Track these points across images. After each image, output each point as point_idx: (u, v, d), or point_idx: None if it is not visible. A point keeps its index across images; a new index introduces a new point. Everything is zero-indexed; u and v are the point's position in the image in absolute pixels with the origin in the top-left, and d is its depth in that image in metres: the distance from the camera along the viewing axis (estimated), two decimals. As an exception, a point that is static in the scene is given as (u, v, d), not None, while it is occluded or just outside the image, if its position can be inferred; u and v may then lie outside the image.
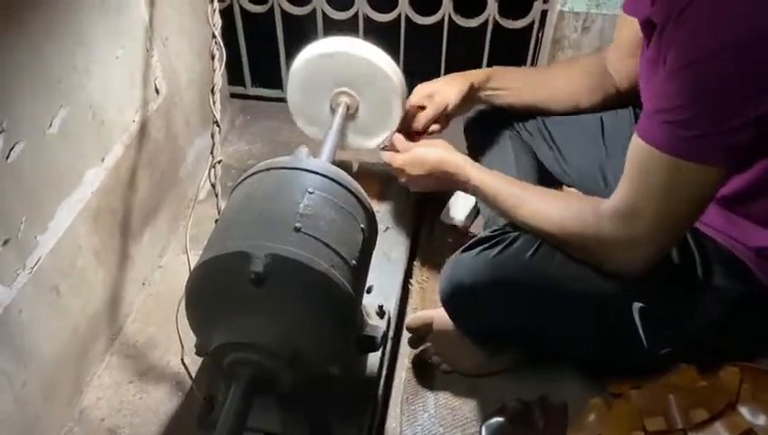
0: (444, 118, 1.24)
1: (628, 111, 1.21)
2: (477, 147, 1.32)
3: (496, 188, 1.02)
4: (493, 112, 1.30)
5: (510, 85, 1.25)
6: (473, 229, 1.46)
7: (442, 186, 1.12)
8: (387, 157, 1.16)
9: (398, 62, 1.18)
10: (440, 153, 1.09)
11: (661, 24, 0.82)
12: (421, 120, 1.22)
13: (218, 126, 1.10)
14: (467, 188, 1.07)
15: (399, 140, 1.17)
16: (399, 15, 1.63)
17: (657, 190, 0.81)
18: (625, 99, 1.19)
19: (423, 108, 1.23)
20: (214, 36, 1.12)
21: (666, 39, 0.80)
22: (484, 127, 1.31)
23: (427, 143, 1.14)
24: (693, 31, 0.74)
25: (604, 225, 0.87)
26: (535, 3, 1.57)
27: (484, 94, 1.25)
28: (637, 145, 0.82)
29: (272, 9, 1.66)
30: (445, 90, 1.22)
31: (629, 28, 1.10)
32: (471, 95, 1.23)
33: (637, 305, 0.94)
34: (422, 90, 1.24)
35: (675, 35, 0.77)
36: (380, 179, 1.51)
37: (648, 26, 0.89)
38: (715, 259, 0.94)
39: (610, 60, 1.19)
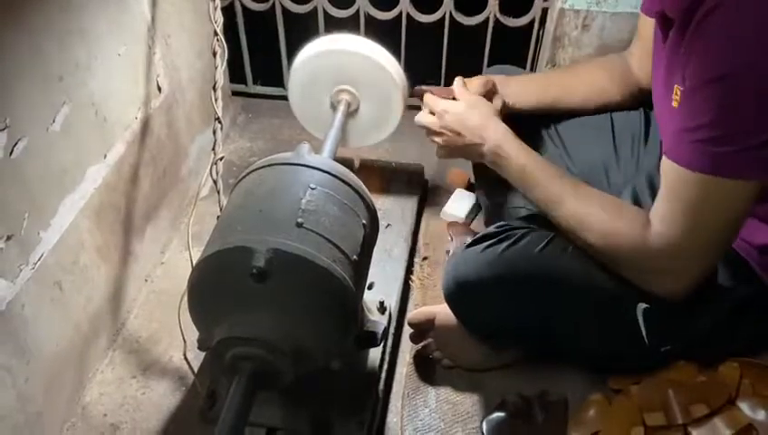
0: None
1: (639, 112, 1.20)
2: None
3: (534, 173, 0.98)
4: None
5: (524, 94, 1.20)
6: (474, 226, 1.47)
7: (476, 156, 1.06)
8: (430, 98, 1.09)
9: (399, 60, 1.18)
10: (486, 117, 1.03)
11: (679, 22, 0.81)
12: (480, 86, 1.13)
13: (220, 123, 1.10)
14: (503, 166, 1.02)
15: (458, 86, 1.09)
16: (400, 13, 1.63)
17: (696, 212, 0.80)
18: (648, 97, 1.17)
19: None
20: (216, 34, 1.12)
21: (685, 49, 0.79)
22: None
23: (476, 101, 1.07)
24: (716, 45, 0.73)
25: (652, 250, 0.85)
26: (536, 1, 1.57)
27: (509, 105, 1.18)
28: (669, 168, 0.81)
29: (273, 7, 1.67)
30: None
31: (648, 30, 1.09)
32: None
33: (642, 306, 0.94)
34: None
35: (696, 48, 0.76)
36: (382, 176, 1.52)
37: (663, 21, 0.88)
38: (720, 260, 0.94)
39: (635, 57, 1.18)
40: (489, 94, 1.13)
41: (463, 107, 1.06)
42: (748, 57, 0.71)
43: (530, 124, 1.27)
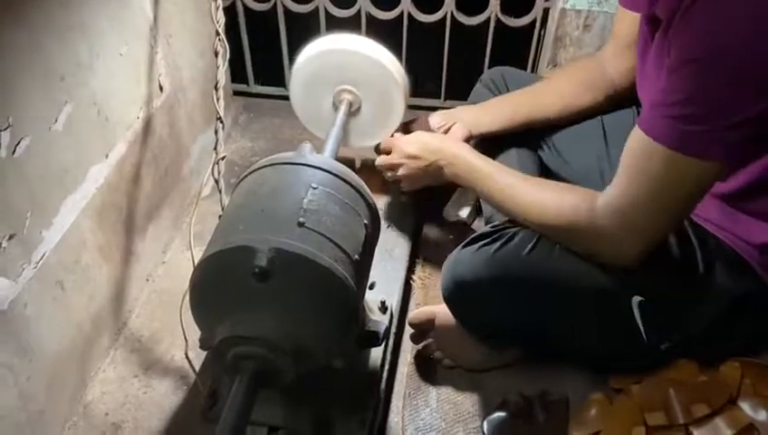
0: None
1: (631, 111, 1.20)
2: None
3: (490, 175, 1.03)
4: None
5: (498, 114, 1.25)
6: (475, 226, 1.47)
7: (436, 176, 1.14)
8: (386, 141, 1.19)
9: (400, 60, 1.18)
10: (442, 137, 1.12)
11: (667, 19, 0.82)
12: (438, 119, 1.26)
13: (222, 123, 1.10)
14: (462, 176, 1.08)
15: (390, 141, 1.21)
16: (402, 13, 1.63)
17: (654, 182, 0.82)
18: (626, 97, 1.18)
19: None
20: (217, 34, 1.12)
21: (671, 35, 0.80)
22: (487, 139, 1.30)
23: (419, 133, 1.18)
24: (697, 28, 0.75)
25: (598, 216, 0.87)
26: (537, 1, 1.58)
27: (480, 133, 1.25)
28: (637, 137, 0.83)
29: (275, 7, 1.67)
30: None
31: (627, 23, 1.10)
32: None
33: (636, 299, 0.94)
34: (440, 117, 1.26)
35: (679, 31, 0.78)
36: (383, 176, 1.52)
37: (652, 22, 0.89)
38: (717, 256, 0.94)
39: (609, 57, 1.18)
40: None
41: (414, 134, 1.18)
42: (724, 41, 0.72)
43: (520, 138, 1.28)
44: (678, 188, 0.82)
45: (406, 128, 1.27)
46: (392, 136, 1.24)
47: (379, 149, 1.25)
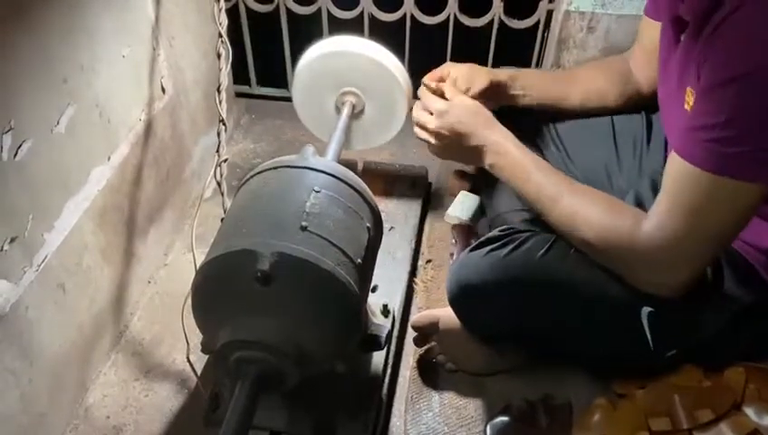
0: None
1: (641, 116, 1.20)
2: None
3: (531, 172, 0.97)
4: (504, 114, 1.29)
5: (535, 86, 1.21)
6: (477, 229, 1.46)
7: (471, 156, 1.05)
8: (427, 98, 1.07)
9: (403, 62, 1.18)
10: (490, 116, 1.04)
11: (695, 24, 0.81)
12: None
13: (224, 125, 1.10)
14: (500, 163, 1.02)
15: (450, 88, 1.09)
16: (405, 15, 1.63)
17: (699, 210, 0.79)
18: (647, 101, 1.17)
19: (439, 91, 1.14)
20: (220, 35, 1.12)
21: (700, 50, 0.79)
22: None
23: (469, 101, 1.07)
24: (734, 45, 0.73)
25: (643, 244, 0.84)
26: (541, 2, 1.57)
27: (509, 93, 1.19)
28: (676, 164, 0.80)
29: (277, 8, 1.67)
30: (470, 76, 1.14)
31: (650, 35, 1.09)
32: (493, 92, 1.16)
33: (646, 310, 0.93)
34: (449, 68, 1.16)
35: (712, 49, 0.76)
36: (385, 178, 1.52)
37: (677, 24, 0.88)
38: (725, 264, 0.93)
39: (635, 62, 1.18)
40: (461, 84, 1.12)
41: (463, 111, 1.05)
42: (760, 59, 0.70)
43: (530, 125, 1.27)
44: (723, 213, 0.79)
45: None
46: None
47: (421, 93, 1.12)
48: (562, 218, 0.94)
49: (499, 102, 1.19)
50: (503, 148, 1.01)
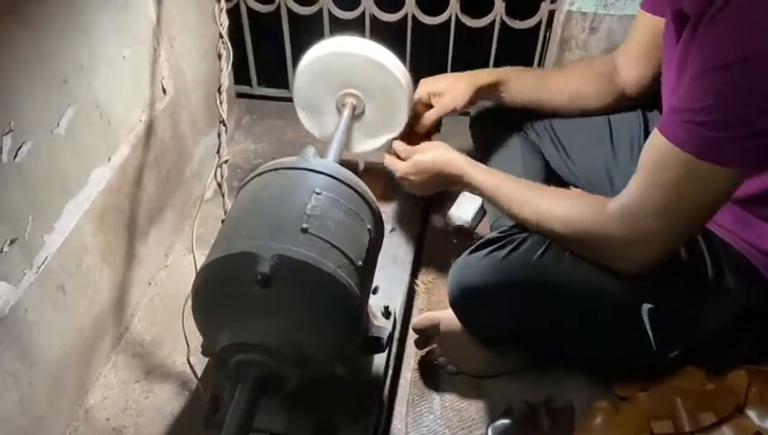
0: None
1: (637, 114, 1.20)
2: (484, 146, 1.31)
3: (498, 187, 1.02)
4: (499, 110, 1.30)
5: (518, 88, 1.24)
6: (479, 230, 1.46)
7: (446, 187, 1.13)
8: (389, 163, 1.17)
9: (404, 63, 1.17)
10: (440, 157, 1.10)
11: (695, 17, 0.81)
12: (427, 121, 1.21)
13: (225, 125, 1.10)
14: (470, 188, 1.08)
15: (400, 146, 1.17)
16: (406, 15, 1.63)
17: (671, 189, 0.80)
18: (633, 103, 1.18)
19: (429, 106, 1.22)
20: (221, 36, 1.12)
21: (697, 38, 0.79)
22: (491, 125, 1.30)
23: (427, 146, 1.14)
24: (725, 34, 0.74)
25: (611, 222, 0.86)
26: (543, 3, 1.57)
27: (491, 96, 1.25)
28: (656, 141, 0.81)
29: (278, 8, 1.66)
30: (453, 90, 1.21)
31: (644, 29, 1.09)
32: (478, 97, 1.23)
33: (646, 307, 0.93)
34: (428, 86, 1.23)
35: (706, 36, 0.77)
36: (386, 180, 1.51)
37: (679, 19, 0.88)
38: (726, 263, 0.93)
39: (621, 64, 1.18)
40: (448, 100, 1.21)
41: (415, 161, 1.12)
42: (753, 48, 0.71)
43: (532, 126, 1.27)
44: (696, 195, 0.80)
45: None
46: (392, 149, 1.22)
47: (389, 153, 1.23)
48: (531, 219, 0.97)
49: (483, 101, 1.25)
50: (466, 178, 1.07)
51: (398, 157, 1.16)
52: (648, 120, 1.19)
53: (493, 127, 1.32)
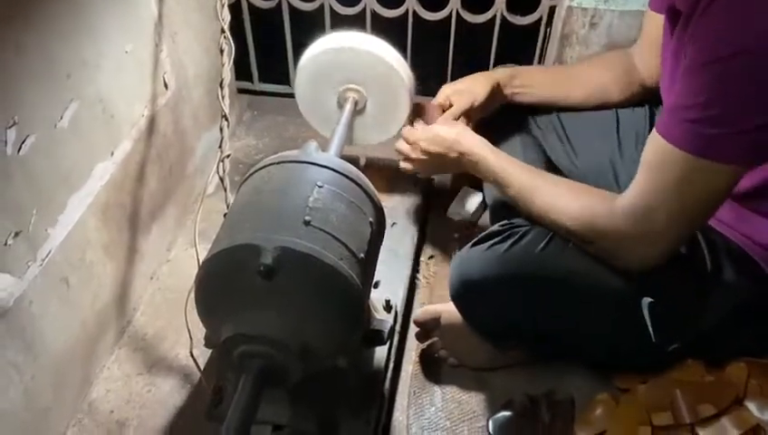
0: (469, 117, 1.23)
1: (644, 109, 1.20)
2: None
3: (512, 172, 1.02)
4: (500, 108, 1.30)
5: (536, 83, 1.24)
6: (480, 223, 1.46)
7: (454, 168, 1.13)
8: (405, 131, 1.16)
9: (405, 58, 1.18)
10: (458, 132, 1.10)
11: (686, 13, 0.81)
12: (448, 116, 1.20)
13: (227, 120, 1.10)
14: (481, 170, 1.07)
15: (420, 124, 1.18)
16: (407, 11, 1.63)
17: (672, 187, 0.80)
18: (652, 94, 1.18)
19: (449, 106, 1.22)
20: (223, 31, 1.12)
21: (689, 33, 0.79)
22: (494, 122, 1.31)
23: (447, 123, 1.14)
24: (718, 28, 0.74)
25: (618, 220, 0.86)
26: (543, -2, 1.57)
27: (509, 92, 1.25)
28: (655, 141, 0.82)
29: (279, 4, 1.67)
30: (472, 87, 1.21)
31: (658, 20, 1.10)
32: (496, 93, 1.23)
33: (646, 301, 0.93)
34: (448, 88, 1.23)
35: (699, 30, 0.77)
36: (388, 174, 1.52)
37: (672, 15, 0.88)
38: (725, 256, 0.94)
39: (639, 54, 1.18)
40: (467, 96, 1.21)
41: (431, 131, 1.13)
42: (745, 42, 0.71)
43: (536, 122, 1.27)
44: (696, 192, 0.80)
45: (418, 110, 1.25)
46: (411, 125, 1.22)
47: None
48: (541, 208, 0.97)
49: (499, 102, 1.24)
50: (473, 153, 1.06)
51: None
52: (654, 115, 1.19)
53: (494, 124, 1.32)
